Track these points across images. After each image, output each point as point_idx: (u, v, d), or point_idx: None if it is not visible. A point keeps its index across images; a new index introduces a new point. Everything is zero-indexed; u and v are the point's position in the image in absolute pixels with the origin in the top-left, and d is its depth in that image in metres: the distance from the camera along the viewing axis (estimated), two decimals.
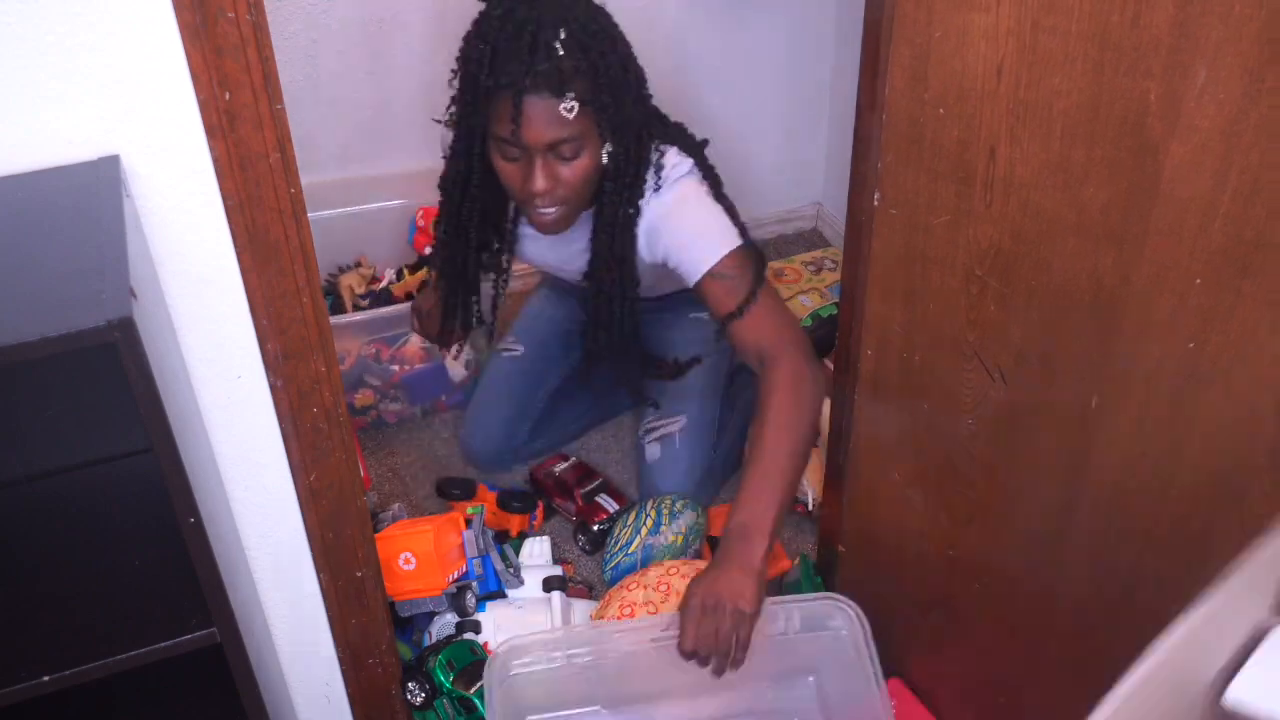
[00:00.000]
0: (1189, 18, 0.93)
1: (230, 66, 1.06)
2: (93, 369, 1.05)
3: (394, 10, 2.34)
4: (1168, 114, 0.98)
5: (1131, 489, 1.16)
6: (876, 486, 1.55)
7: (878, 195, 1.32)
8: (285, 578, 1.45)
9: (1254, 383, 1.01)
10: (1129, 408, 1.13)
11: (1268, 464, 1.02)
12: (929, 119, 1.21)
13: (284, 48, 2.26)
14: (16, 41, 0.99)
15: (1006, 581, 1.40)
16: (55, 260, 0.91)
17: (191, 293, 1.18)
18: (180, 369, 1.18)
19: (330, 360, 1.29)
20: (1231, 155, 0.94)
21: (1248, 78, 0.91)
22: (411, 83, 2.43)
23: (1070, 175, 1.09)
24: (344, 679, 1.60)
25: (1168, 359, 1.07)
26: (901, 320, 1.37)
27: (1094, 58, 1.01)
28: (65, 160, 1.05)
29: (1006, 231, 1.18)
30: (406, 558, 1.71)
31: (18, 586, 1.07)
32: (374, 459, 2.26)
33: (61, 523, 1.11)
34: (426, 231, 2.44)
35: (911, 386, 1.41)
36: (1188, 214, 1.00)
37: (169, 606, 1.01)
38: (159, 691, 1.19)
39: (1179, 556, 1.14)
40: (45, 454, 1.13)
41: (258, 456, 1.32)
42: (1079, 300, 1.13)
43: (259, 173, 1.13)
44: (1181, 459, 1.10)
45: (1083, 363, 1.16)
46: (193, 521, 0.94)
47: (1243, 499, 1.06)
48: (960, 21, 1.12)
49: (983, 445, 1.34)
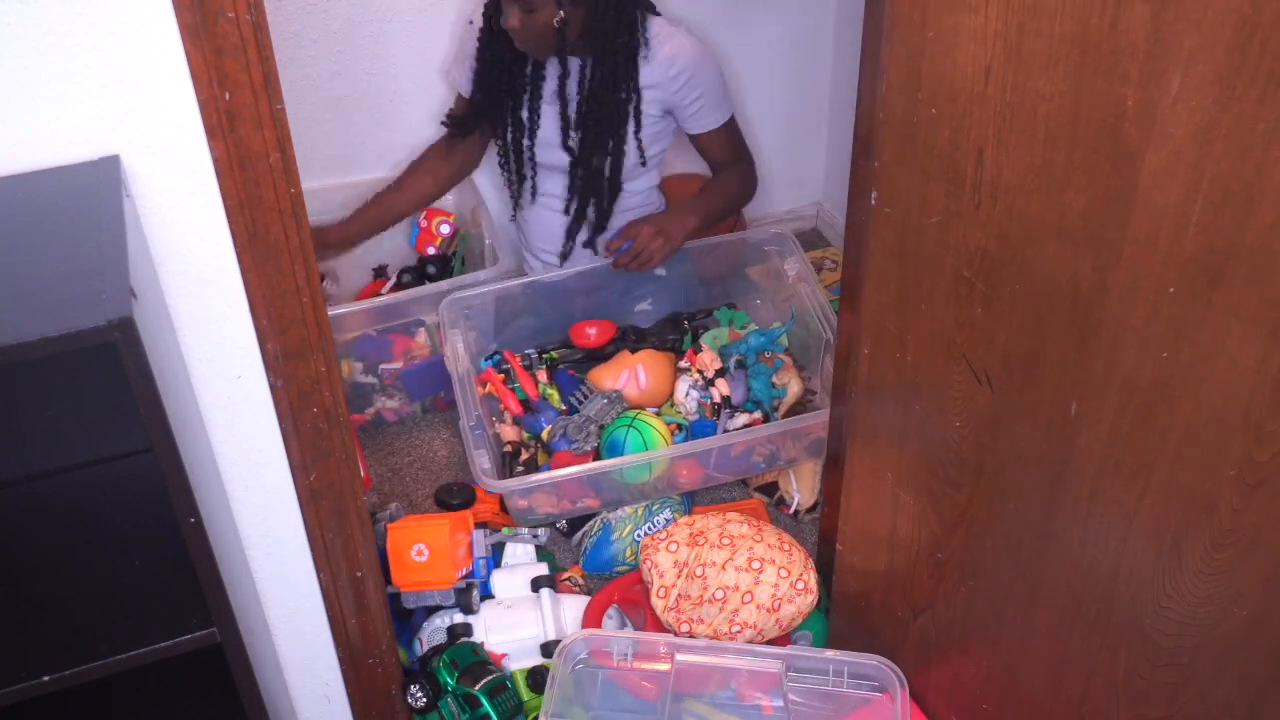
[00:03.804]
0: (1163, 24, 0.92)
1: (230, 66, 1.06)
2: (93, 369, 1.06)
3: (394, 10, 2.34)
4: (1143, 120, 0.97)
5: (1108, 498, 1.17)
6: (871, 487, 1.56)
7: (875, 194, 1.32)
8: (285, 578, 1.45)
9: (1223, 395, 1.00)
10: (1106, 415, 1.13)
11: (1235, 476, 1.03)
12: (922, 119, 1.21)
13: (284, 48, 2.26)
14: (16, 41, 0.99)
15: (992, 585, 1.40)
16: (55, 260, 0.92)
17: (191, 293, 1.18)
18: (180, 369, 1.18)
19: (330, 360, 1.29)
20: (1203, 163, 0.94)
21: (1219, 85, 0.90)
22: (411, 82, 2.43)
23: (1052, 179, 1.09)
24: (344, 679, 1.60)
25: (1142, 368, 1.07)
26: (895, 320, 1.38)
27: (1075, 60, 1.01)
28: (65, 160, 1.05)
29: (993, 234, 1.18)
30: (419, 549, 1.73)
31: (18, 586, 1.07)
32: (374, 459, 2.26)
33: (61, 523, 1.11)
34: (429, 233, 2.44)
35: (904, 386, 1.41)
36: (1162, 222, 0.99)
37: (169, 606, 1.01)
38: (159, 691, 1.19)
39: (1154, 565, 1.14)
40: (45, 454, 1.13)
41: (258, 456, 1.32)
42: (1059, 305, 1.14)
43: (259, 173, 1.13)
44: (1154, 469, 1.10)
45: (1063, 369, 1.16)
46: (193, 521, 0.94)
47: (1213, 510, 1.06)
48: (952, 22, 1.12)
49: (970, 448, 1.34)
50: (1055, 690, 1.36)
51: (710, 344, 2.23)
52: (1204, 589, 1.10)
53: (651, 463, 1.98)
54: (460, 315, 2.20)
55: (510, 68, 2.16)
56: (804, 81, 2.75)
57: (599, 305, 2.31)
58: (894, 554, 1.57)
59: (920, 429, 1.41)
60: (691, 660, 1.67)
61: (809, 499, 2.11)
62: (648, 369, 2.16)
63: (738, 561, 1.74)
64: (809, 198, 2.98)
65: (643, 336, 2.27)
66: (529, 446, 2.10)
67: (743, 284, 2.42)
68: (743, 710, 1.66)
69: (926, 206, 1.25)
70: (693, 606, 1.75)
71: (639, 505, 2.03)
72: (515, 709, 1.70)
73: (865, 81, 1.36)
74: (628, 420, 2.04)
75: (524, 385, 2.18)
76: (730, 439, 2.00)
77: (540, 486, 1.94)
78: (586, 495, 2.00)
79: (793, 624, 1.77)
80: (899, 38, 1.19)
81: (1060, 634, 1.32)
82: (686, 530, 1.83)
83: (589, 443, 2.05)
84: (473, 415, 2.02)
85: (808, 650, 1.71)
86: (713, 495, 2.17)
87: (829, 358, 2.08)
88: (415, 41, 2.39)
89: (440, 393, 2.36)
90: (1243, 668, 1.11)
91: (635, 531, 1.99)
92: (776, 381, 2.15)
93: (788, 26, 2.65)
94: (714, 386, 2.11)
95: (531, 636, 1.80)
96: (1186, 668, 1.16)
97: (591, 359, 2.25)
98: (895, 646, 1.64)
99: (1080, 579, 1.25)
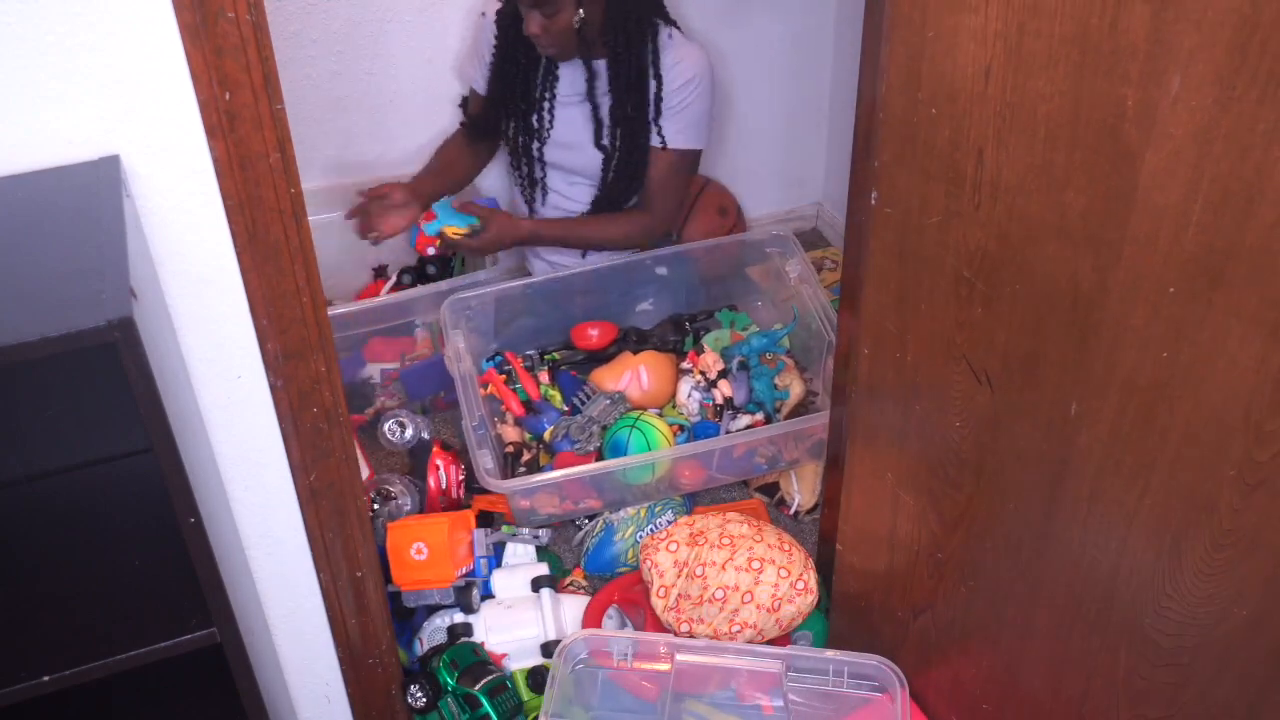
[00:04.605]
0: (1163, 24, 0.92)
1: (230, 66, 1.06)
2: (93, 369, 1.06)
3: (394, 10, 2.34)
4: (1143, 120, 0.97)
5: (1108, 498, 1.17)
6: (871, 487, 1.56)
7: (875, 194, 1.32)
8: (285, 578, 1.45)
9: (1223, 395, 1.00)
10: (1106, 415, 1.13)
11: (1235, 476, 1.02)
12: (922, 119, 1.21)
13: (284, 48, 2.26)
14: (16, 41, 0.99)
15: (992, 585, 1.40)
16: (55, 260, 0.92)
17: (191, 293, 1.18)
18: (180, 369, 1.18)
19: (330, 360, 1.29)
20: (1203, 164, 0.94)
21: (1219, 85, 0.90)
22: (411, 82, 2.43)
23: (1052, 179, 1.09)
24: (344, 679, 1.60)
25: (1142, 368, 1.07)
26: (895, 320, 1.38)
27: (1075, 61, 1.01)
28: (65, 160, 1.05)
29: (993, 234, 1.18)
30: (419, 548, 1.73)
31: (18, 586, 1.07)
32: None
33: (61, 523, 1.11)
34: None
35: (904, 387, 1.41)
36: (1162, 222, 0.99)
37: (169, 606, 1.01)
38: (159, 691, 1.19)
39: (1154, 565, 1.14)
40: (45, 454, 1.13)
41: (258, 456, 1.32)
42: (1059, 305, 1.14)
43: (259, 173, 1.13)
44: (1154, 469, 1.10)
45: (1063, 369, 1.16)
46: (193, 521, 0.94)
47: (1213, 510, 1.06)
48: (952, 22, 1.12)
49: (969, 448, 1.34)
50: (1055, 690, 1.36)
51: (712, 345, 2.23)
52: (1204, 589, 1.10)
53: (654, 463, 1.98)
54: (461, 316, 2.20)
55: (525, 73, 2.18)
56: (804, 81, 2.75)
57: (599, 306, 2.31)
58: (894, 554, 1.57)
59: (920, 429, 1.41)
60: (691, 660, 1.67)
61: (809, 500, 2.11)
62: (650, 370, 2.16)
63: (738, 561, 1.74)
64: (809, 198, 2.98)
65: (644, 338, 2.27)
66: (530, 447, 2.10)
67: (743, 285, 2.42)
68: (743, 710, 1.66)
69: (926, 206, 1.25)
70: (693, 606, 1.75)
71: (641, 506, 2.03)
72: (515, 709, 1.70)
73: (865, 81, 1.36)
74: (631, 421, 2.04)
75: (526, 386, 2.18)
76: (732, 440, 2.00)
77: (543, 487, 1.94)
78: (589, 496, 2.00)
79: (793, 624, 1.77)
80: (899, 38, 1.19)
81: (1060, 634, 1.32)
82: (686, 530, 1.83)
83: (591, 443, 2.05)
84: (475, 415, 2.02)
85: (808, 650, 1.71)
86: (713, 495, 2.17)
87: (831, 359, 2.08)
88: (415, 41, 2.39)
89: (440, 392, 2.35)
90: (1243, 668, 1.11)
91: (638, 533, 1.99)
92: (779, 383, 2.15)
93: (788, 26, 2.65)
94: (716, 388, 2.11)
95: (531, 636, 1.80)
96: (1186, 668, 1.16)
97: (593, 360, 2.26)
98: (895, 646, 1.64)
99: (1080, 579, 1.25)
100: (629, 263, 2.28)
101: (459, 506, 2.03)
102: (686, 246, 2.33)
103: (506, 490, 1.92)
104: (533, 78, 2.20)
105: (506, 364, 2.22)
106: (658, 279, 2.33)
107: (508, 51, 2.18)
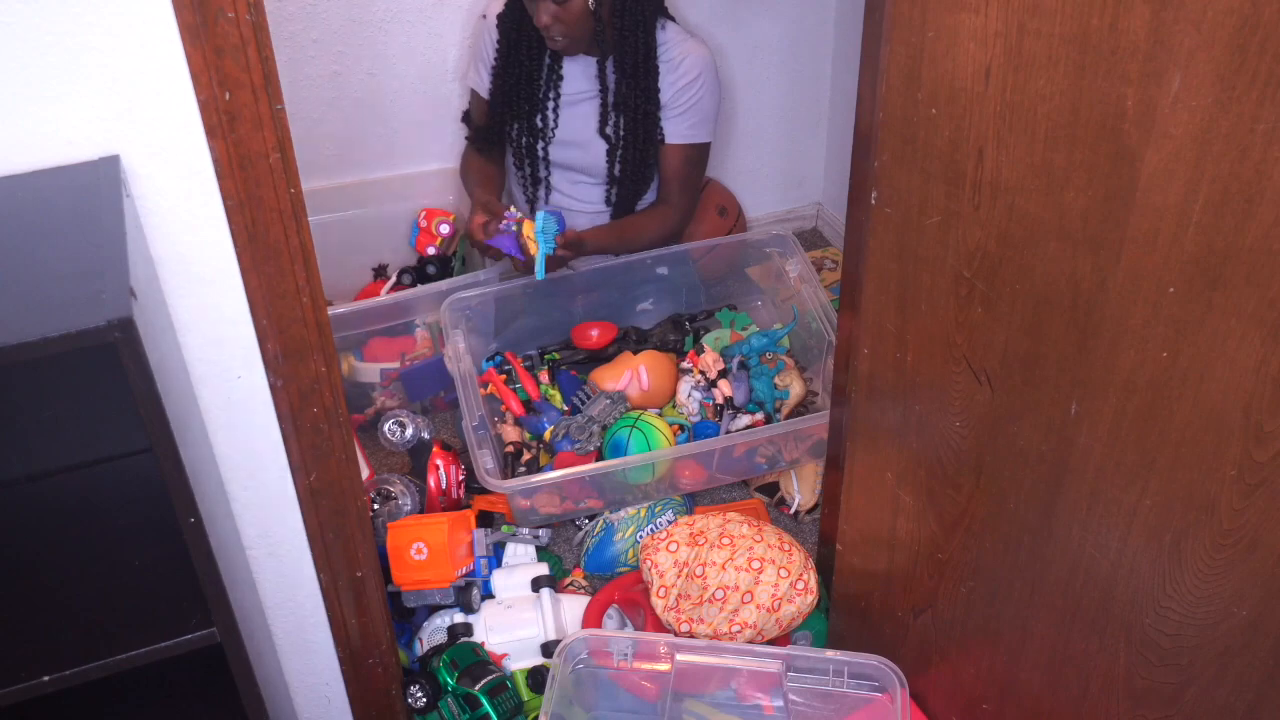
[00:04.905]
0: (1163, 24, 0.92)
1: (230, 66, 1.06)
2: (93, 369, 1.06)
3: (394, 10, 2.34)
4: (1143, 120, 0.97)
5: (1108, 498, 1.17)
6: (871, 487, 1.56)
7: (874, 194, 1.32)
8: (285, 578, 1.45)
9: (1223, 395, 1.00)
10: (1105, 416, 1.13)
11: (1236, 476, 1.02)
12: (922, 119, 1.21)
13: (284, 48, 2.26)
14: (16, 41, 0.99)
15: (992, 585, 1.40)
16: (55, 260, 0.92)
17: (191, 293, 1.18)
18: (180, 369, 1.18)
19: (330, 360, 1.29)
20: (1203, 164, 0.94)
21: (1219, 85, 0.90)
22: (411, 83, 2.43)
23: (1052, 179, 1.09)
24: (344, 679, 1.60)
25: (1142, 368, 1.07)
26: (895, 320, 1.38)
27: (1075, 60, 1.01)
28: (65, 160, 1.05)
29: (993, 234, 1.18)
30: (419, 548, 1.73)
31: (18, 586, 1.07)
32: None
33: (61, 523, 1.11)
34: (428, 233, 2.44)
35: (904, 387, 1.41)
36: (1162, 222, 0.99)
37: (169, 606, 1.01)
38: (159, 691, 1.19)
39: (1154, 565, 1.14)
40: (45, 454, 1.13)
41: (258, 456, 1.32)
42: (1059, 305, 1.13)
43: (259, 173, 1.13)
44: (1154, 469, 1.10)
45: (1062, 369, 1.16)
46: (193, 521, 0.94)
47: (1213, 510, 1.06)
48: (951, 22, 1.12)
49: (969, 448, 1.34)
50: (1055, 690, 1.36)
51: (712, 345, 2.23)
52: (1204, 589, 1.10)
53: (654, 463, 1.98)
54: (461, 316, 2.20)
55: (528, 73, 2.20)
56: (804, 81, 2.75)
57: (599, 306, 2.31)
58: (894, 554, 1.57)
59: (920, 429, 1.41)
60: (691, 660, 1.67)
61: (809, 500, 2.11)
62: (650, 370, 2.16)
63: (738, 561, 1.74)
64: (809, 198, 2.98)
65: (644, 337, 2.28)
66: (530, 447, 2.10)
67: (743, 285, 2.42)
68: (743, 710, 1.66)
69: (926, 206, 1.25)
70: (693, 606, 1.75)
71: (641, 506, 2.03)
72: (515, 709, 1.70)
73: (865, 81, 1.36)
74: (631, 420, 2.04)
75: (526, 386, 2.18)
76: (732, 440, 2.00)
77: (543, 487, 1.94)
78: (589, 495, 2.00)
79: (793, 624, 1.77)
80: (899, 38, 1.19)
81: (1060, 634, 1.32)
82: (686, 530, 1.83)
83: (592, 443, 2.05)
84: (476, 415, 2.02)
85: (808, 650, 1.71)
86: (713, 495, 2.17)
87: (831, 359, 2.08)
88: (415, 41, 2.39)
89: (440, 392, 2.35)
90: (1243, 668, 1.11)
91: (638, 533, 1.99)
92: (779, 383, 2.15)
93: (788, 26, 2.65)
94: (716, 388, 2.11)
95: (531, 636, 1.80)
96: (1186, 668, 1.16)
97: (593, 360, 2.26)
98: (895, 646, 1.64)
99: (1080, 579, 1.25)
100: (629, 263, 2.28)
101: (459, 506, 2.03)
102: (686, 246, 2.33)
103: (506, 490, 1.92)
104: (536, 77, 2.21)
105: (506, 364, 2.22)
106: (658, 279, 2.33)
107: (510, 52, 2.19)
